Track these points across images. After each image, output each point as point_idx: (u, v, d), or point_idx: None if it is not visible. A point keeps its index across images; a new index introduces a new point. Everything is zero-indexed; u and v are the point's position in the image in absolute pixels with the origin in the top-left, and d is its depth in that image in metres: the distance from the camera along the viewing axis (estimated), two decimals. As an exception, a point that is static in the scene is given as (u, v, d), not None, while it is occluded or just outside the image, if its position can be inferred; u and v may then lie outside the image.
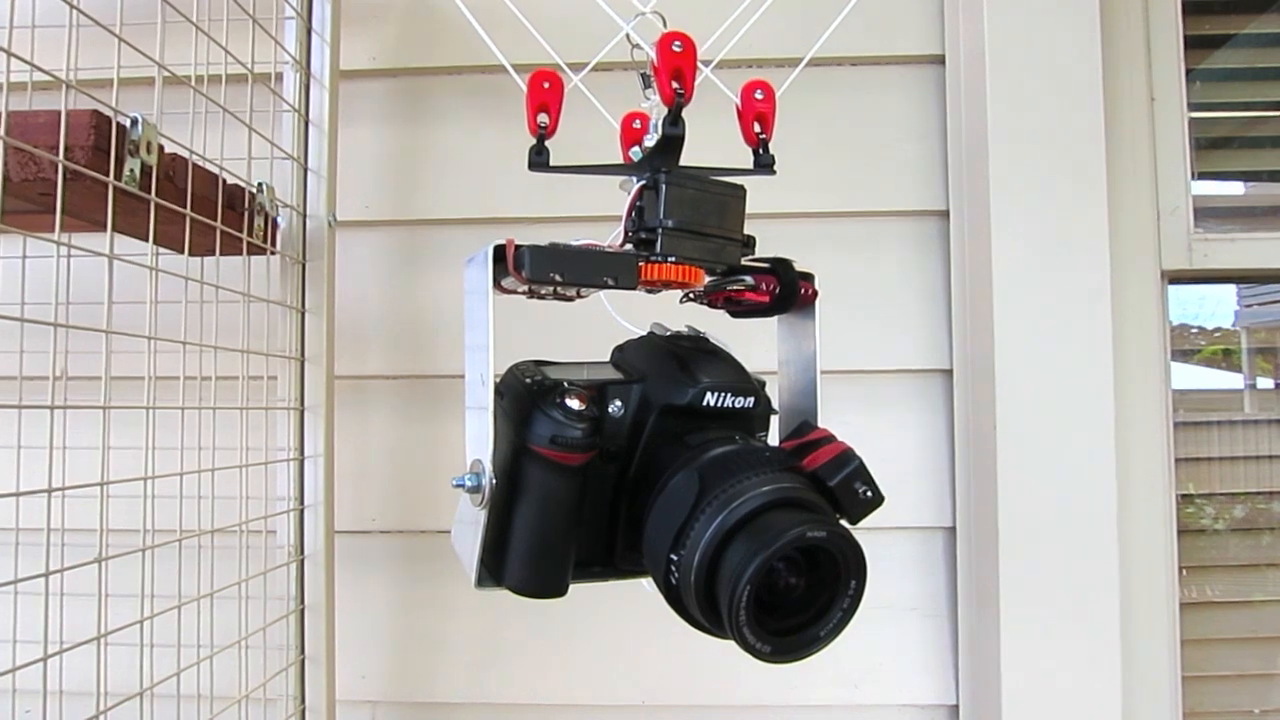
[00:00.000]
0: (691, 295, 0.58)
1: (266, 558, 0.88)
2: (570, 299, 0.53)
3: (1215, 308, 1.22)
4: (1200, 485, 1.15)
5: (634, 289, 0.51)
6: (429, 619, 1.05)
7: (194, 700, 0.76)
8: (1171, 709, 1.04)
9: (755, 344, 0.59)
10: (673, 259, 0.50)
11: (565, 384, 0.51)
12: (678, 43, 0.48)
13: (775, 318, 0.60)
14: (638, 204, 0.52)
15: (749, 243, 0.54)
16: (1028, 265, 0.94)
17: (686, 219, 0.51)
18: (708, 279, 0.55)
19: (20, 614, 0.63)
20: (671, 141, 0.50)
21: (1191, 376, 1.21)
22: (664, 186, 0.51)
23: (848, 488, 0.49)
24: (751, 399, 0.53)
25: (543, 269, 0.49)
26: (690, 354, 0.54)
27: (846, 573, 0.47)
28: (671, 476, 0.49)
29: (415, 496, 1.07)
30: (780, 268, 0.56)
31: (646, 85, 0.53)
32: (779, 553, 0.44)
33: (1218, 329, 1.22)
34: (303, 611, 0.91)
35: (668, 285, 0.51)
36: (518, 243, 0.49)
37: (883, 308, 1.05)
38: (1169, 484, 1.05)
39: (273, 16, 0.88)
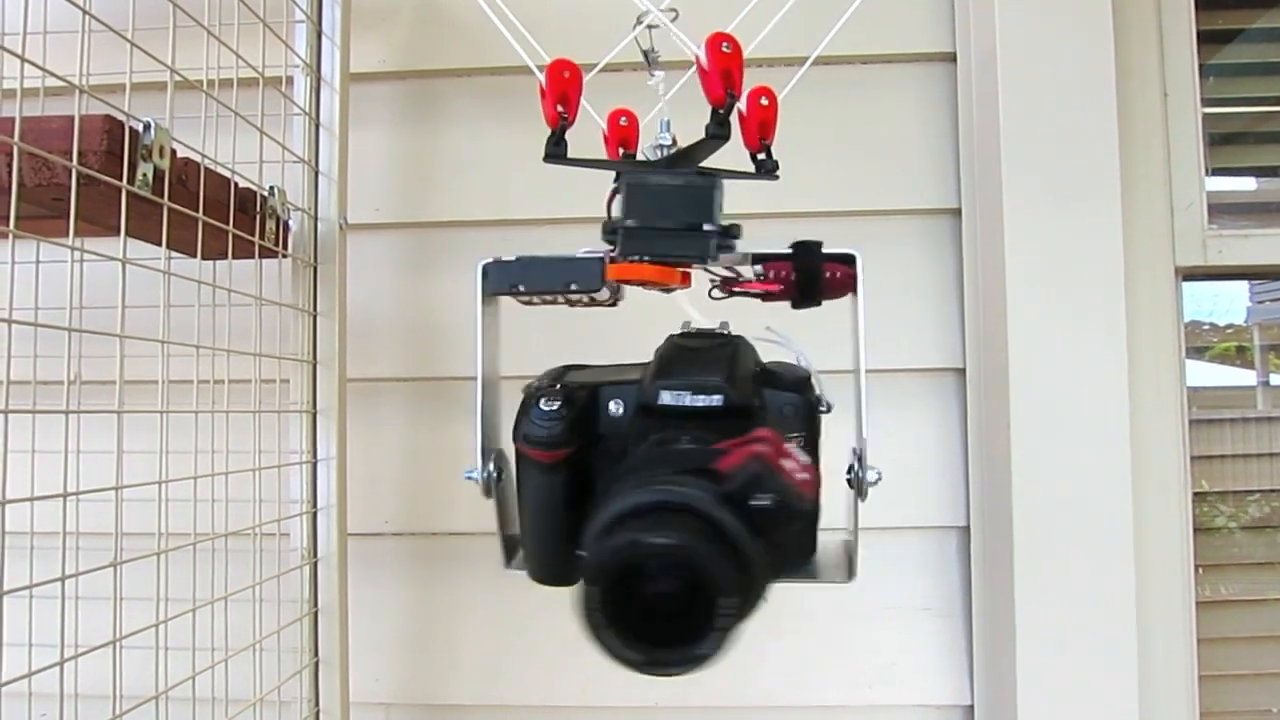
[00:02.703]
0: (714, 291, 0.57)
1: (280, 561, 0.88)
2: (607, 304, 0.54)
3: (1228, 304, 1.21)
4: (1214, 483, 1.14)
5: (599, 291, 0.52)
6: (442, 621, 1.05)
7: (209, 703, 0.76)
8: (1188, 708, 1.03)
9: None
10: (634, 258, 0.50)
11: (550, 386, 0.53)
12: (726, 44, 0.48)
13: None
14: (610, 205, 0.52)
15: (728, 231, 0.52)
16: (1041, 262, 0.94)
17: (648, 216, 0.51)
18: (721, 273, 0.54)
19: (36, 618, 0.64)
20: (714, 142, 0.49)
21: (1204, 373, 1.20)
22: (624, 186, 0.51)
23: (744, 496, 0.45)
24: (717, 397, 0.50)
25: (501, 283, 0.53)
26: (680, 351, 0.53)
27: (717, 589, 0.42)
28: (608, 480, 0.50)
29: (428, 499, 1.07)
30: (801, 252, 0.54)
31: (650, 63, 0.53)
32: (612, 564, 0.43)
33: (1230, 325, 1.22)
34: (316, 614, 0.92)
35: (643, 285, 0.51)
36: (498, 259, 0.53)
37: (895, 306, 1.05)
38: (1184, 482, 1.04)
39: (283, 20, 0.88)
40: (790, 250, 0.55)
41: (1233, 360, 1.25)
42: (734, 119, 0.54)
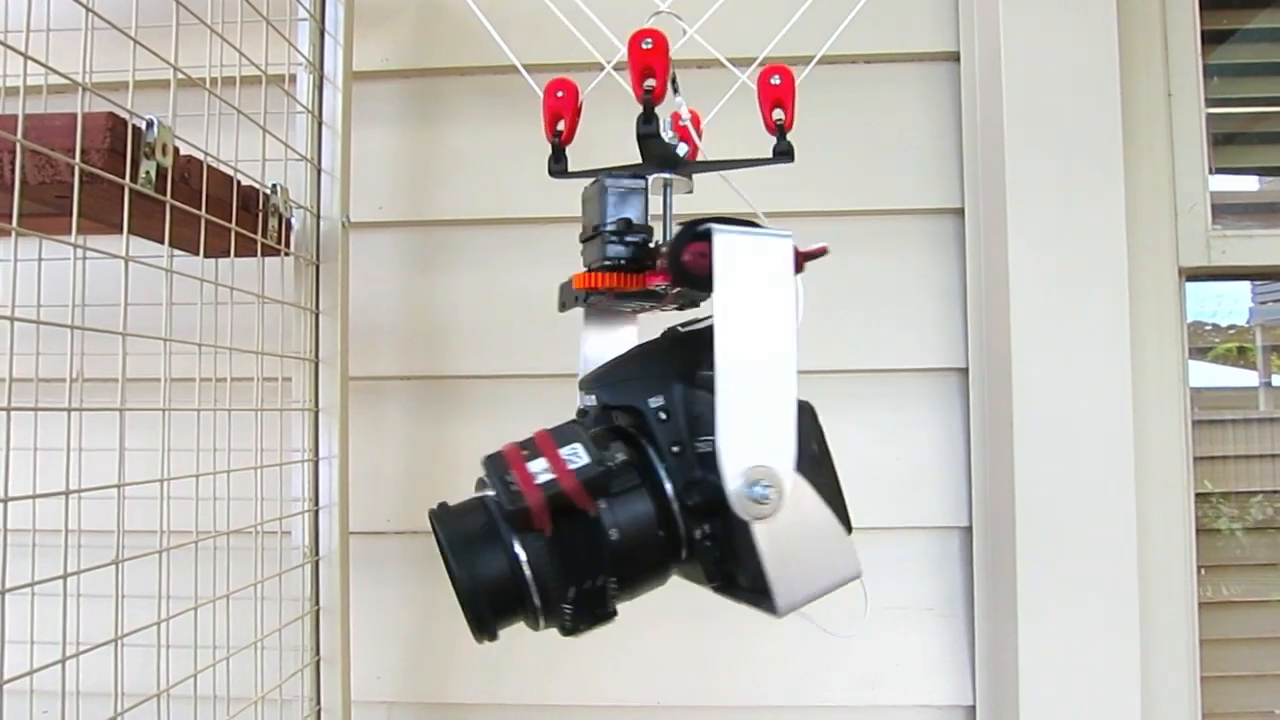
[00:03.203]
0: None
1: (282, 559, 0.88)
2: (683, 306, 0.56)
3: (1231, 305, 1.21)
4: (1216, 483, 1.14)
5: (587, 300, 0.54)
6: (444, 620, 1.05)
7: (210, 701, 0.76)
8: (1190, 709, 1.03)
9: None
10: (593, 267, 0.52)
11: None
12: (647, 40, 0.48)
13: None
14: None
15: (616, 230, 0.51)
16: (1044, 263, 0.94)
17: (588, 226, 0.53)
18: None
19: (38, 615, 0.64)
20: (645, 141, 0.50)
21: (1206, 374, 1.20)
22: (581, 200, 0.53)
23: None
24: (592, 397, 0.51)
25: (560, 302, 0.57)
26: (630, 350, 0.54)
27: (448, 566, 0.47)
28: None
29: (430, 497, 1.05)
30: (675, 235, 0.47)
31: (676, 91, 0.53)
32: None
33: (1232, 326, 1.21)
34: (318, 612, 0.91)
35: (620, 293, 0.52)
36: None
37: (898, 306, 1.05)
38: (1187, 482, 1.04)
39: (286, 18, 0.88)
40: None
41: (1235, 361, 1.25)
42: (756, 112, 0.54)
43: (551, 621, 0.48)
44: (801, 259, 0.47)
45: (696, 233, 0.46)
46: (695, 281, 0.46)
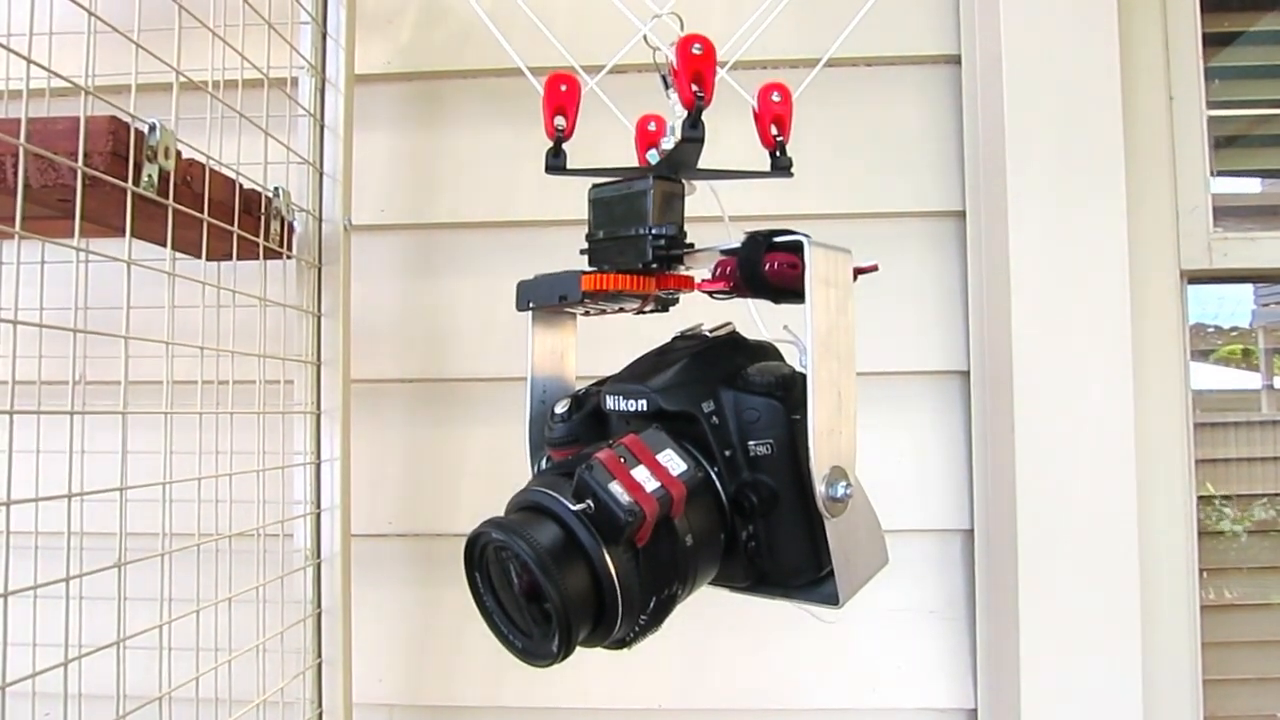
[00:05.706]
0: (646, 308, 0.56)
1: (284, 561, 0.88)
2: (657, 311, 0.55)
3: (1233, 307, 1.21)
4: (1218, 486, 1.14)
5: (582, 302, 0.53)
6: (445, 623, 1.05)
7: (212, 704, 0.76)
8: (1192, 712, 1.03)
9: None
10: (605, 268, 0.52)
11: (583, 390, 0.54)
12: (697, 45, 0.48)
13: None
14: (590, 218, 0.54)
15: (665, 235, 0.51)
16: (1046, 265, 0.94)
17: (608, 227, 0.53)
18: (703, 276, 0.54)
19: (41, 618, 0.64)
20: (691, 145, 0.50)
21: (1208, 376, 1.20)
22: (588, 200, 0.53)
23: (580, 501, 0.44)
24: (642, 402, 0.50)
25: (522, 300, 0.57)
26: (648, 355, 0.54)
27: (543, 586, 0.42)
28: None
29: (431, 500, 1.07)
30: (746, 244, 0.49)
31: (668, 86, 0.53)
32: (472, 552, 0.46)
33: (1234, 328, 1.21)
34: (320, 615, 0.92)
35: (620, 296, 0.52)
36: (523, 280, 0.55)
37: (899, 309, 1.04)
38: (1189, 485, 1.04)
39: (288, 21, 0.88)
40: (740, 243, 0.50)
41: (1237, 363, 1.25)
42: (748, 114, 0.54)
43: (619, 633, 0.45)
44: (855, 273, 0.49)
45: (780, 244, 0.47)
46: (771, 290, 0.47)
